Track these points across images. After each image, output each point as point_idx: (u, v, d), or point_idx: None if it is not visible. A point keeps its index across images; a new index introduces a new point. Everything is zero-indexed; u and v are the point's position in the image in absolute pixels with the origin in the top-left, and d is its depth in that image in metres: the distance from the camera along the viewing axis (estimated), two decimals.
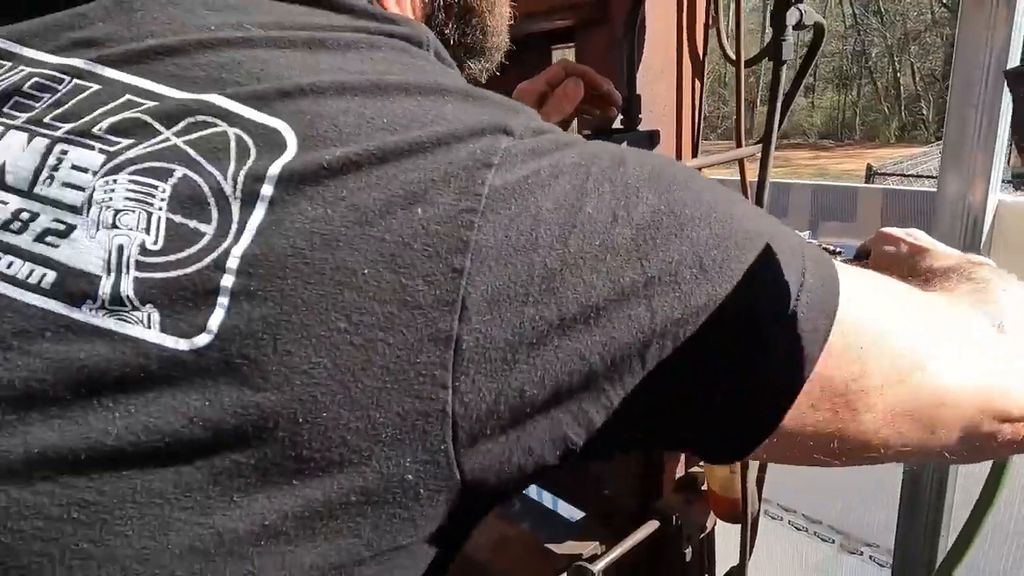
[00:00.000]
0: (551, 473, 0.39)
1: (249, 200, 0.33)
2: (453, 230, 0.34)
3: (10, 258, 0.32)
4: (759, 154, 0.94)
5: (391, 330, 0.33)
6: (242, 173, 0.33)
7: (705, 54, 0.96)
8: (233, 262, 0.32)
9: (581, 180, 0.37)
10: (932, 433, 0.45)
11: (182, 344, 0.31)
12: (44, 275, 0.32)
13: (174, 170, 0.33)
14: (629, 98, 0.82)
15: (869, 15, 30.64)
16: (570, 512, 1.18)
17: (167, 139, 0.34)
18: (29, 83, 0.36)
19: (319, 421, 0.32)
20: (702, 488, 1.06)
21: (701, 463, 1.08)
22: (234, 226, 0.33)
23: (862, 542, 1.47)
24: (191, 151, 0.34)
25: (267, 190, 0.33)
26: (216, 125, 0.35)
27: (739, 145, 0.95)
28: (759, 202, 0.86)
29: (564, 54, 1.09)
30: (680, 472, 1.08)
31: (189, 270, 0.32)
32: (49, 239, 0.32)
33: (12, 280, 0.32)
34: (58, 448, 0.30)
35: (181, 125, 0.34)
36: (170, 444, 0.31)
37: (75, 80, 0.36)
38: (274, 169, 0.33)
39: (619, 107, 0.83)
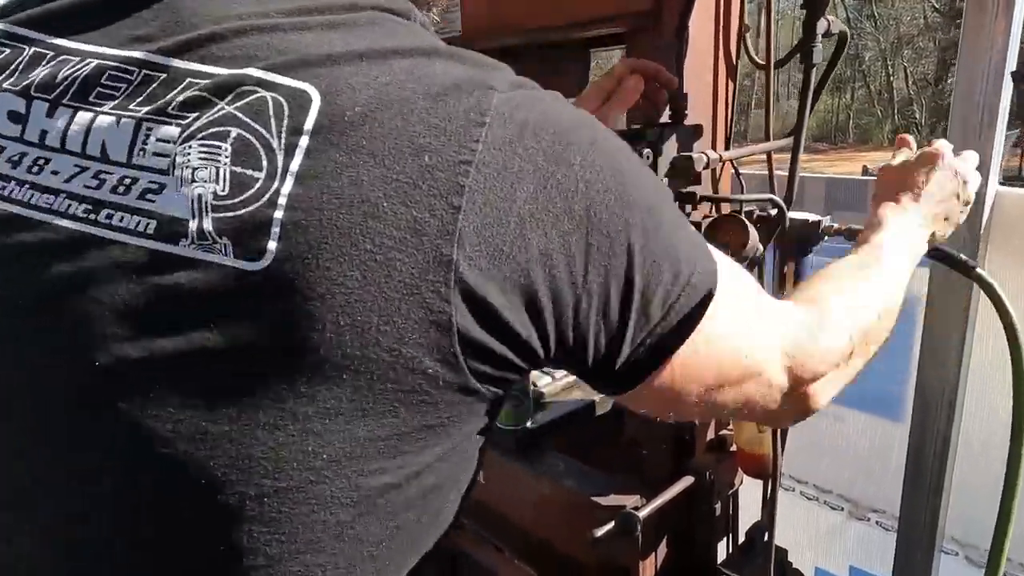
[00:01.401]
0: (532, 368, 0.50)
1: (290, 150, 0.42)
2: (452, 176, 0.42)
3: (121, 214, 0.42)
4: (786, 147, 1.05)
5: (406, 251, 0.41)
6: (283, 128, 0.42)
7: (738, 58, 1.08)
8: (282, 199, 0.41)
9: (558, 149, 0.46)
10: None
11: (250, 266, 0.40)
12: (148, 224, 0.42)
13: (230, 131, 0.42)
14: (677, 95, 0.93)
15: (863, 19, 30.89)
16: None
17: (222, 108, 0.43)
18: (104, 76, 0.45)
19: (356, 324, 0.41)
20: (731, 449, 1.18)
21: (730, 426, 1.19)
22: (279, 171, 0.42)
23: (869, 509, 1.58)
24: (240, 115, 0.42)
25: (304, 141, 0.42)
26: (256, 92, 0.43)
27: (768, 139, 1.07)
28: (790, 190, 0.97)
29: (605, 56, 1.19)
30: (711, 435, 1.19)
31: (250, 208, 0.42)
32: (148, 196, 0.42)
33: (124, 230, 0.42)
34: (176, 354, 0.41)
35: (231, 96, 0.43)
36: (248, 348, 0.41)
37: (144, 71, 0.45)
38: (308, 124, 0.43)
39: (667, 103, 0.94)
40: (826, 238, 1.04)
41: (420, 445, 0.46)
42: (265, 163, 0.42)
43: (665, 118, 0.95)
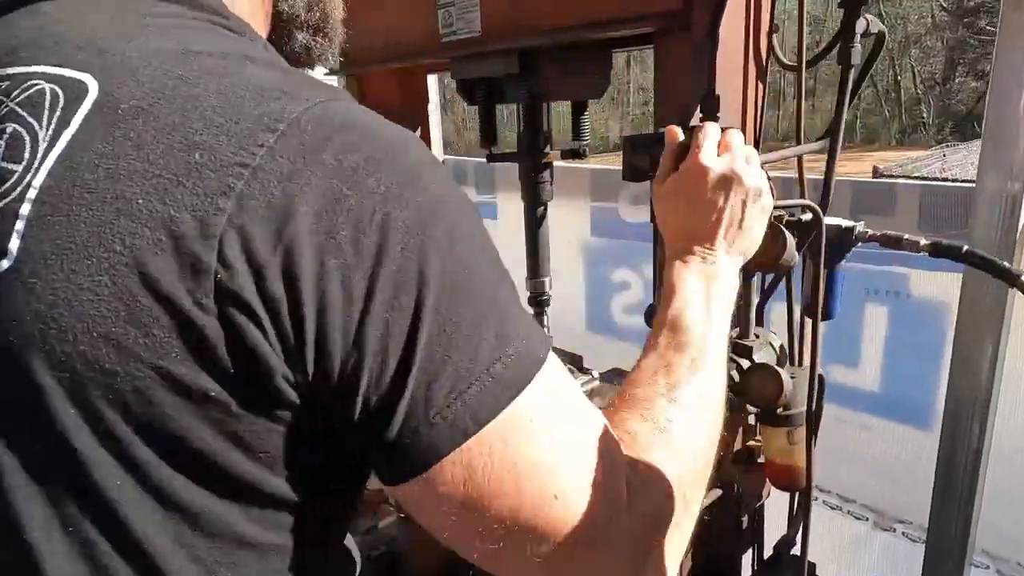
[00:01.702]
0: None
1: (53, 140, 0.39)
2: (223, 177, 0.38)
3: None
4: (817, 151, 1.02)
5: (160, 255, 0.37)
6: (54, 118, 0.40)
7: (768, 59, 1.04)
8: (32, 192, 0.39)
9: (361, 175, 0.41)
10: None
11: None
12: None
13: (7, 127, 0.41)
14: (708, 97, 0.90)
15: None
16: None
17: (7, 105, 0.41)
18: None
19: (111, 336, 0.38)
20: (759, 460, 1.14)
21: (758, 436, 1.16)
22: (36, 162, 0.39)
23: (895, 519, 1.54)
24: (19, 109, 0.41)
25: (69, 131, 0.40)
26: (38, 84, 0.42)
27: (799, 143, 1.04)
28: (826, 192, 0.94)
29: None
30: (738, 445, 1.16)
31: (2, 203, 0.39)
32: None
33: None
34: None
35: (16, 92, 0.42)
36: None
37: None
38: (79, 113, 0.40)
39: (697, 105, 0.91)
40: (859, 244, 1.01)
41: (241, 435, 0.42)
42: (27, 154, 0.40)
43: (695, 120, 0.92)
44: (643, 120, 39.27)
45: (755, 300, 1.00)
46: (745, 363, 0.96)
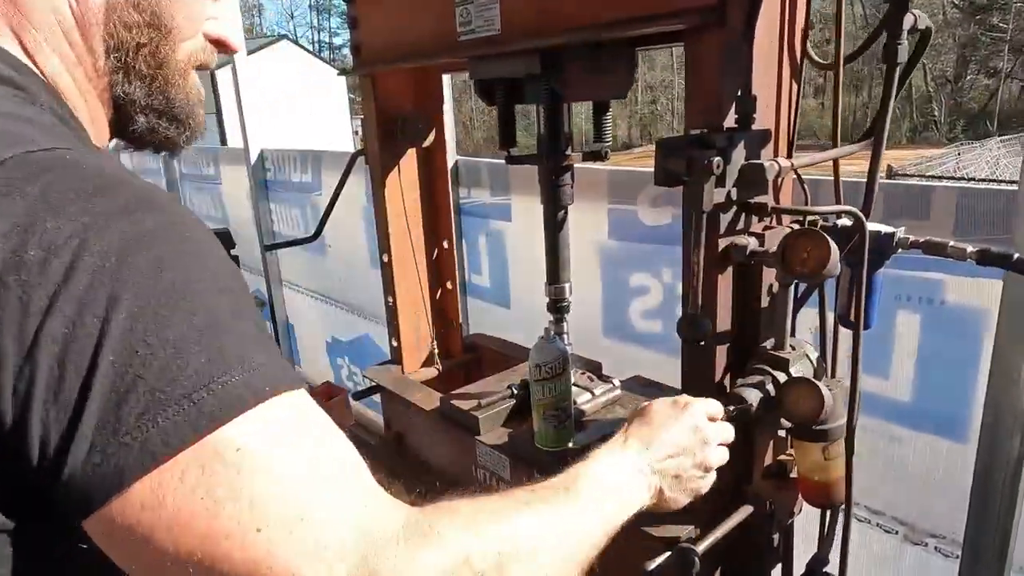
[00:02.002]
0: None
1: None
2: None
3: None
4: (857, 152, 0.98)
5: None
6: None
7: (803, 58, 1.00)
8: None
9: (65, 202, 0.41)
10: None
11: None
12: None
13: None
14: (745, 97, 0.86)
15: (880, 15, 30.50)
16: None
17: None
18: None
19: None
20: (791, 475, 1.10)
21: (790, 450, 1.11)
22: None
23: (927, 533, 1.49)
24: None
25: None
26: None
27: (836, 144, 0.99)
28: (868, 197, 0.89)
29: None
30: (768, 459, 1.11)
31: None
32: None
33: None
34: None
35: None
36: None
37: None
38: None
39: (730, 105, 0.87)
40: (899, 251, 0.97)
41: None
42: None
43: (730, 122, 0.88)
44: (651, 119, 39.11)
45: (791, 309, 0.95)
46: (782, 376, 0.91)
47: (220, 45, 0.65)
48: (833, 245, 0.79)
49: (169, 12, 0.59)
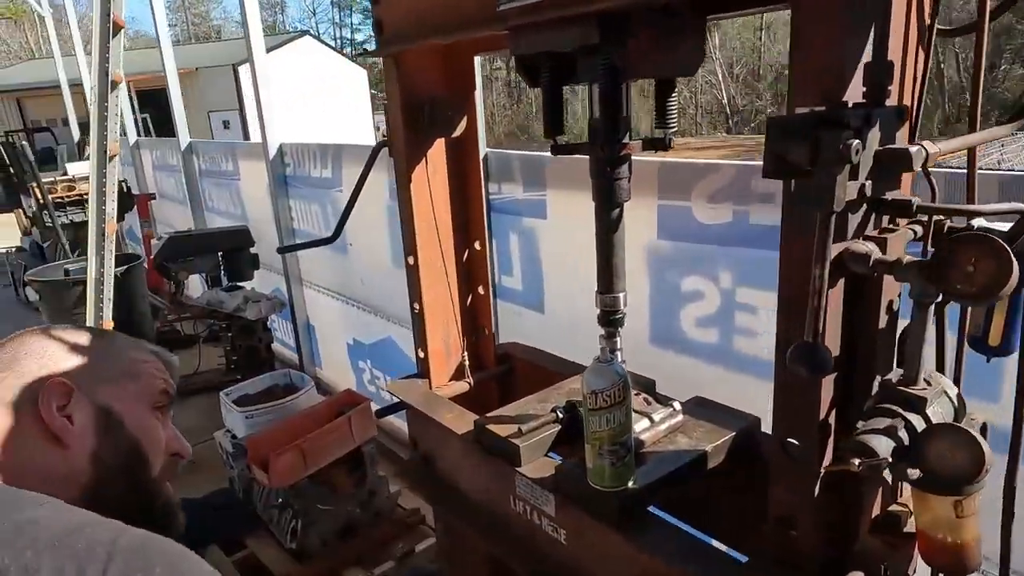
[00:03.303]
0: None
1: None
2: None
3: None
4: (1000, 135, 0.78)
5: None
6: None
7: (934, 20, 0.80)
8: None
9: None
10: None
11: None
12: None
13: None
14: (877, 65, 0.67)
15: None
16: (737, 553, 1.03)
17: None
18: None
19: None
20: (905, 530, 0.91)
21: (899, 498, 0.92)
22: None
23: None
24: None
25: None
26: None
27: (974, 128, 0.80)
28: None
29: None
30: (876, 511, 0.92)
31: None
32: None
33: None
34: None
35: None
36: None
37: None
38: None
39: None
40: None
41: None
42: None
43: (858, 96, 0.68)
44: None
45: (931, 336, 0.76)
46: (916, 420, 0.72)
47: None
48: (1014, 257, 0.59)
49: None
